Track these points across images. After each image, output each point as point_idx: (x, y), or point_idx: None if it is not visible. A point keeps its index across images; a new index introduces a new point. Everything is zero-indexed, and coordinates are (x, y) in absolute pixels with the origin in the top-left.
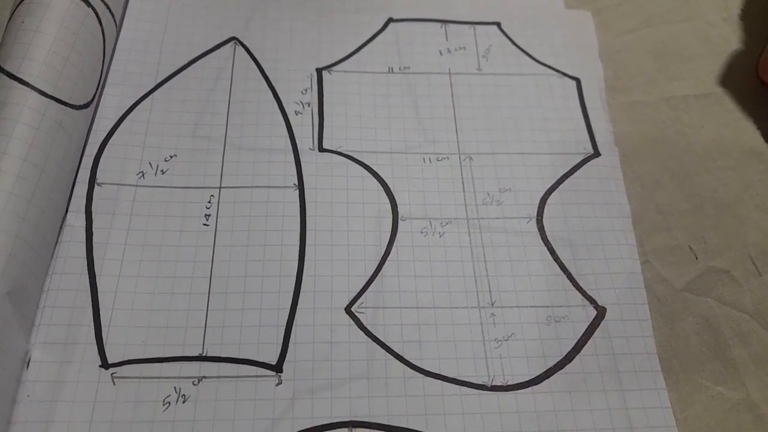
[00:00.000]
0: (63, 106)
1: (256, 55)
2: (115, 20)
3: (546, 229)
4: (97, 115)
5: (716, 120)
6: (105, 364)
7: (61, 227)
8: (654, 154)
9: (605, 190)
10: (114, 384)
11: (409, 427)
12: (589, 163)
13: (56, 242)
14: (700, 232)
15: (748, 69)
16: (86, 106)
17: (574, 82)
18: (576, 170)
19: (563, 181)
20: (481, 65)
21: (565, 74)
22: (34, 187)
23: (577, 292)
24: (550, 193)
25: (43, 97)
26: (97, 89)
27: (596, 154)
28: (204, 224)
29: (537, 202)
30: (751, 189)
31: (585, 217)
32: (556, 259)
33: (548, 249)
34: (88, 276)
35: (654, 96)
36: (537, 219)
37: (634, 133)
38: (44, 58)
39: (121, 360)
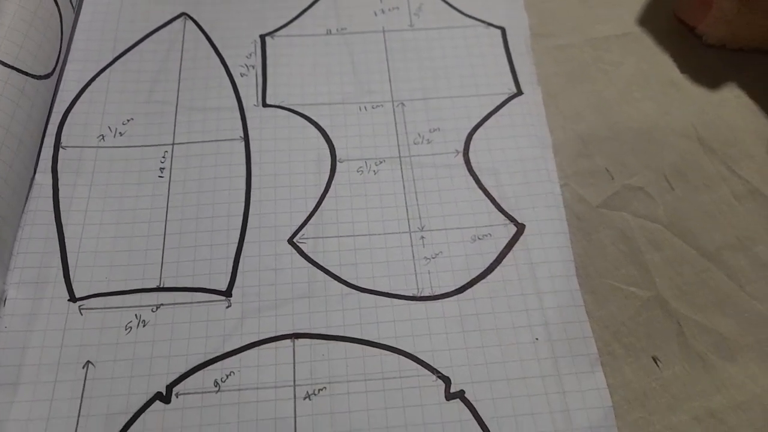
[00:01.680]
0: (24, 76)
1: (204, 28)
2: (72, 2)
3: (471, 161)
4: (60, 88)
5: (636, 56)
6: (73, 298)
7: (30, 186)
8: (576, 90)
9: (527, 124)
10: (81, 314)
11: (346, 335)
12: (512, 101)
13: (26, 198)
14: (619, 156)
15: (667, 9)
16: (47, 76)
17: (499, 31)
18: (500, 108)
19: (488, 118)
20: (413, 22)
21: (491, 24)
22: (0, 144)
23: (499, 213)
24: (476, 130)
25: (4, 68)
26: (57, 62)
27: (519, 92)
28: (159, 176)
29: (464, 138)
30: (668, 115)
31: (508, 149)
32: (481, 186)
33: (473, 178)
34: (55, 225)
35: (577, 39)
36: (463, 153)
37: (558, 73)
38: (5, 33)
39: (87, 294)
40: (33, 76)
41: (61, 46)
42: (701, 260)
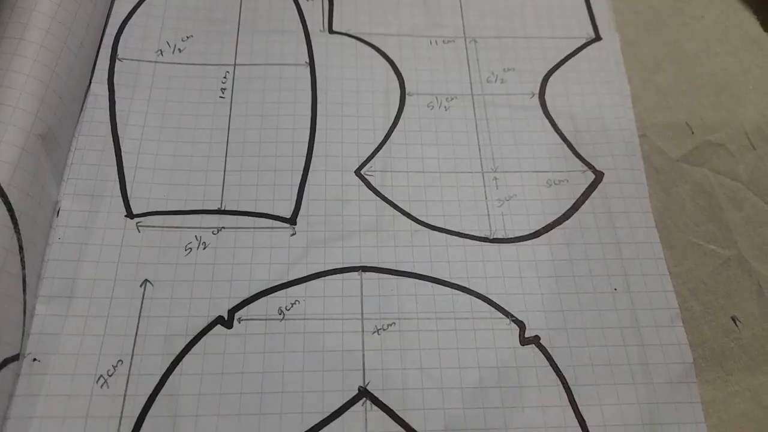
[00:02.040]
0: None
1: None
2: None
3: (548, 104)
4: None
5: (717, 11)
6: (130, 214)
7: (85, 96)
8: (655, 40)
9: (606, 70)
10: (139, 231)
11: (415, 271)
12: (590, 46)
13: (82, 108)
14: (698, 110)
15: None
16: None
17: None
18: (578, 52)
19: (565, 62)
20: None
21: None
22: (62, 44)
23: (576, 158)
24: (552, 73)
25: None
26: None
27: (597, 38)
28: (220, 97)
29: (540, 80)
30: (749, 73)
31: (585, 95)
32: (557, 130)
33: (549, 121)
34: (112, 138)
35: None
36: (539, 95)
37: (636, 21)
38: None
39: (145, 211)
40: None
41: None
42: None
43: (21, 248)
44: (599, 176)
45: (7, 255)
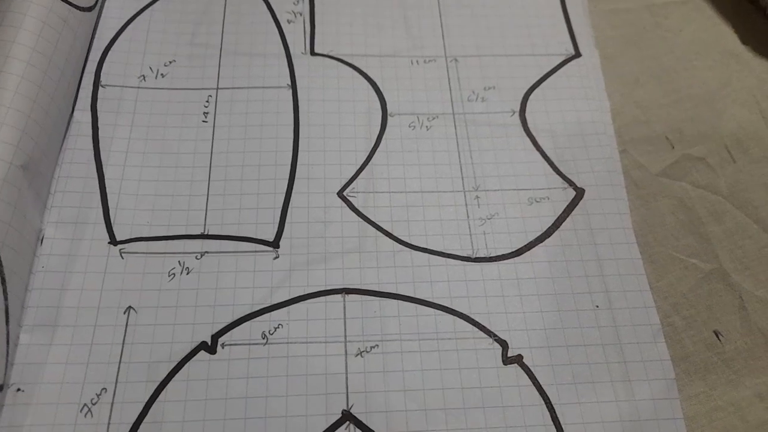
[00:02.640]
0: (68, 6)
1: None
2: None
3: (528, 121)
4: (100, 25)
5: (695, 25)
6: (114, 241)
7: (68, 123)
8: (634, 55)
9: (585, 87)
10: (122, 258)
11: (399, 292)
12: (570, 63)
13: (64, 136)
14: (678, 124)
15: None
16: (89, 9)
17: None
18: (558, 69)
19: (545, 79)
20: None
21: None
22: (43, 75)
23: (557, 175)
24: (532, 90)
25: None
26: None
27: (577, 54)
28: (203, 121)
29: (520, 98)
30: (728, 86)
31: (566, 111)
32: (538, 147)
33: (530, 139)
34: (95, 165)
35: (635, 4)
36: (520, 113)
37: (615, 37)
38: None
39: (128, 238)
40: (76, 7)
41: None
42: (764, 235)
43: (3, 280)
44: (580, 193)
45: None
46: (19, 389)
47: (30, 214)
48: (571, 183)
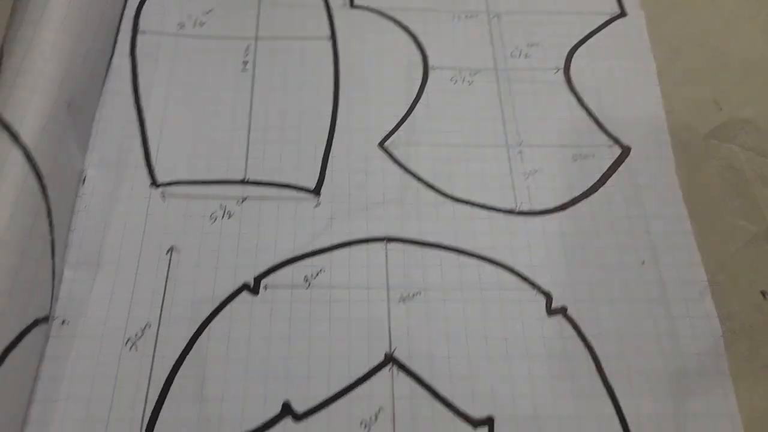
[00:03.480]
0: None
1: None
2: None
3: (573, 79)
4: None
5: None
6: (155, 183)
7: (108, 67)
8: (681, 16)
9: (631, 46)
10: (164, 200)
11: (441, 243)
12: (615, 22)
13: (104, 80)
14: (725, 86)
15: None
16: None
17: None
18: (603, 28)
19: (590, 37)
20: None
21: None
22: (85, 16)
23: (602, 133)
24: (577, 48)
25: None
26: None
27: (623, 14)
28: (242, 70)
29: (564, 55)
30: None
31: (611, 70)
32: (583, 105)
33: (575, 96)
34: (135, 109)
35: None
36: (564, 70)
37: None
38: None
39: (169, 181)
40: None
41: None
42: None
43: (49, 212)
44: (626, 151)
45: (36, 218)
46: (64, 322)
47: (73, 153)
48: (616, 141)
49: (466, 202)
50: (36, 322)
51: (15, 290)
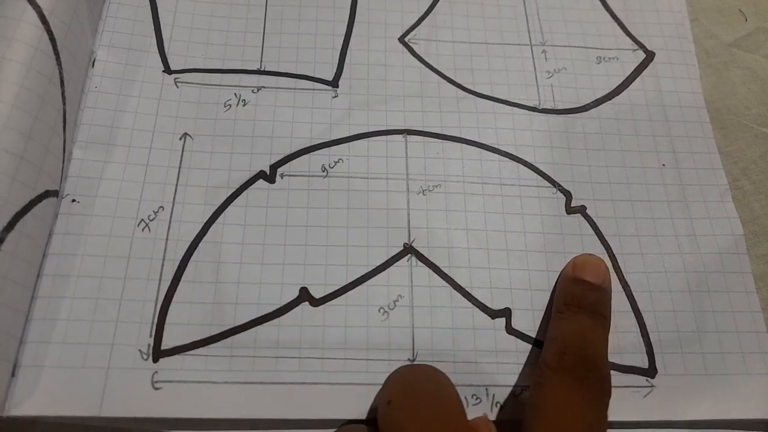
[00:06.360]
0: None
1: None
2: None
3: None
4: None
5: None
6: (168, 70)
7: None
8: None
9: None
10: (177, 87)
11: (462, 136)
12: None
13: None
14: None
15: None
16: None
17: None
18: None
19: None
20: None
21: None
22: None
23: (627, 37)
24: None
25: None
26: None
27: None
28: None
29: None
30: None
31: None
32: (607, 7)
33: None
34: None
35: None
36: None
37: None
38: None
39: (183, 68)
40: None
41: None
42: None
43: (62, 82)
44: (650, 56)
45: (49, 85)
46: (74, 200)
47: (84, 30)
48: (641, 45)
49: (489, 98)
50: (47, 193)
51: (27, 153)
